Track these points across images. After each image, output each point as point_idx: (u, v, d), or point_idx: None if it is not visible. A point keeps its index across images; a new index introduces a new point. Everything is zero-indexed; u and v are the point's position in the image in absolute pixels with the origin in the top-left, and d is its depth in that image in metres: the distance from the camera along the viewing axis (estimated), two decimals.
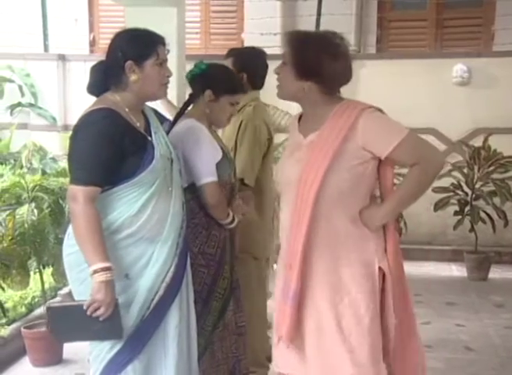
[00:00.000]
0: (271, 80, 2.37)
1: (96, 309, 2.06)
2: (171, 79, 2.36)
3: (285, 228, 2.08)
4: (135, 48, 2.16)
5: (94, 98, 2.25)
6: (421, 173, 1.97)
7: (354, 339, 1.97)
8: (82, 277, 2.19)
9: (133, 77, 2.15)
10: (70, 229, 2.22)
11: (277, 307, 2.11)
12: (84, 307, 2.07)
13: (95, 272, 2.05)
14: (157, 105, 2.40)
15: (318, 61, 1.98)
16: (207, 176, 2.44)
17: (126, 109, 2.18)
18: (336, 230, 2.00)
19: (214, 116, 2.58)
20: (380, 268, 2.01)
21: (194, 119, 2.54)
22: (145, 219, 2.16)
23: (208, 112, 2.56)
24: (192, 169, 2.45)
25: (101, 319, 2.07)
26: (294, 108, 2.46)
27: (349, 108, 2.00)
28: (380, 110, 2.03)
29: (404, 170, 2.07)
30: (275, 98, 2.14)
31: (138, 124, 2.21)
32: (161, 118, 2.39)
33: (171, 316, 2.24)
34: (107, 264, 2.06)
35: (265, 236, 3.16)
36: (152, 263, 2.19)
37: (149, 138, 2.21)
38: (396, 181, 2.13)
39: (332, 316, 1.98)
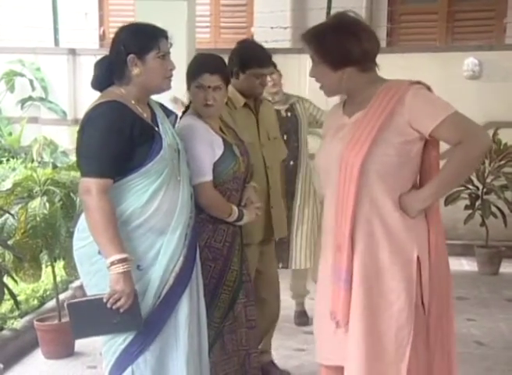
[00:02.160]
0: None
1: (116, 301, 2.08)
2: (181, 73, 2.37)
3: (330, 208, 2.04)
4: (136, 41, 2.18)
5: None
6: (465, 152, 1.91)
7: (382, 323, 1.95)
8: (93, 270, 2.21)
9: (135, 71, 2.17)
10: (80, 223, 2.23)
11: (327, 292, 2.05)
12: (104, 300, 2.08)
13: (112, 264, 2.06)
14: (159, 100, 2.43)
15: (344, 46, 1.97)
16: (199, 176, 2.43)
17: (133, 101, 2.20)
18: (379, 211, 1.96)
19: (195, 107, 2.58)
20: (418, 258, 1.96)
21: (193, 114, 2.56)
22: (154, 210, 2.17)
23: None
24: None
25: (121, 310, 2.09)
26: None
27: (396, 84, 1.99)
28: (428, 88, 2.01)
29: None
30: None
31: (145, 115, 2.23)
32: (166, 111, 2.41)
33: (181, 306, 2.25)
34: (123, 255, 2.08)
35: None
36: (162, 253, 2.20)
37: (156, 129, 2.22)
38: None
39: (365, 300, 1.96)
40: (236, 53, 3.05)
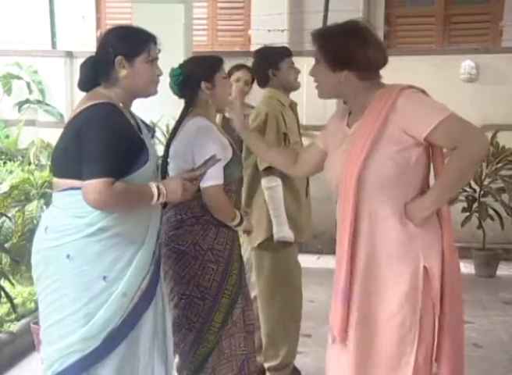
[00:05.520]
0: None
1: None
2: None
3: (340, 221, 2.00)
4: (126, 43, 2.14)
5: None
6: (463, 157, 1.83)
7: (382, 336, 1.92)
8: (60, 274, 2.10)
9: (122, 73, 2.12)
10: (48, 223, 2.12)
11: (332, 305, 2.03)
12: None
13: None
14: None
15: (348, 48, 1.95)
16: (209, 179, 2.40)
17: (121, 104, 2.15)
18: (380, 224, 1.91)
19: (219, 101, 2.57)
20: (425, 267, 1.91)
21: (203, 117, 2.53)
22: (124, 219, 2.08)
23: (211, 102, 2.56)
24: None
25: None
26: None
27: (387, 91, 1.93)
28: (423, 91, 1.95)
29: None
30: None
31: (132, 122, 2.17)
32: (146, 125, 2.33)
33: (144, 325, 2.16)
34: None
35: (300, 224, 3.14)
36: (132, 267, 2.11)
37: (142, 139, 2.16)
38: None
39: (367, 312, 1.93)
40: (263, 54, 3.16)
